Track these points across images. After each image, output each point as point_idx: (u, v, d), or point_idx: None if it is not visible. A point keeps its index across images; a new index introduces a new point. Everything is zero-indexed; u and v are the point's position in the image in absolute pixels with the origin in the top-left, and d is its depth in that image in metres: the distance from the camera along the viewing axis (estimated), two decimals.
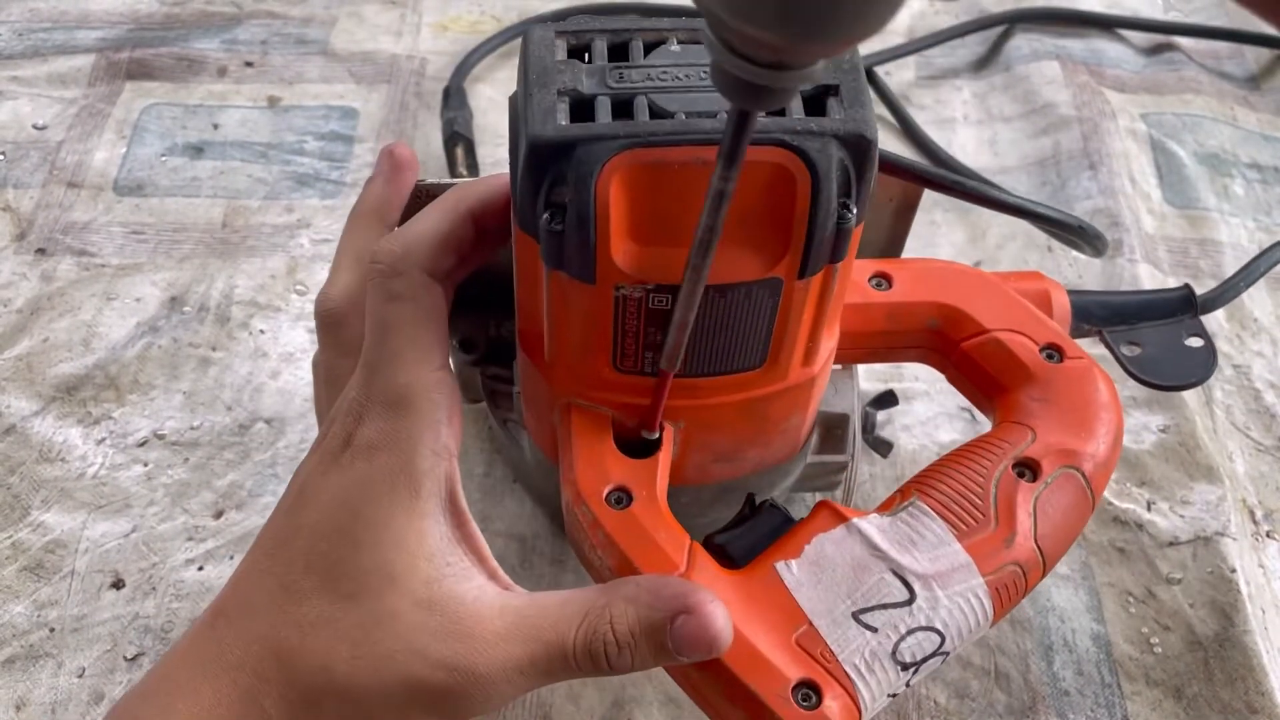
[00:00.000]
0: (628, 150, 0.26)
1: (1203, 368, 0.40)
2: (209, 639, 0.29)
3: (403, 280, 0.30)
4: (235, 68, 0.68)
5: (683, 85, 0.27)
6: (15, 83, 0.66)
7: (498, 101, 0.67)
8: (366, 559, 0.28)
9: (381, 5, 0.73)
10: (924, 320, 0.39)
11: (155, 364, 0.54)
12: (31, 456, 0.50)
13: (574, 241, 0.27)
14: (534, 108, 0.27)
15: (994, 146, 0.67)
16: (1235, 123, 0.68)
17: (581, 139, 0.26)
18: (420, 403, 0.30)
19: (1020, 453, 0.34)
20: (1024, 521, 0.32)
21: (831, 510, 0.33)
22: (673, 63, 0.28)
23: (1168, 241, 0.61)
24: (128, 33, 0.69)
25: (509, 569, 0.47)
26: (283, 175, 0.62)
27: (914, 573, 0.31)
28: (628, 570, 0.31)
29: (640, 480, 0.32)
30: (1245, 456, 0.53)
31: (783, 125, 0.27)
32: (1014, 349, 0.37)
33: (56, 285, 0.56)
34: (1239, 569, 0.47)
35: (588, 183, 0.26)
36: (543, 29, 0.29)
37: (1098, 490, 0.34)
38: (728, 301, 0.29)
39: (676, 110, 0.27)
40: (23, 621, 0.45)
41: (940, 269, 0.40)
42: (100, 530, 0.48)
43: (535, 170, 0.27)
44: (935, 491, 0.33)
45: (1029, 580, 0.32)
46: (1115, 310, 0.42)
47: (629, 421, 0.33)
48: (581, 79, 0.27)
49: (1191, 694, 0.44)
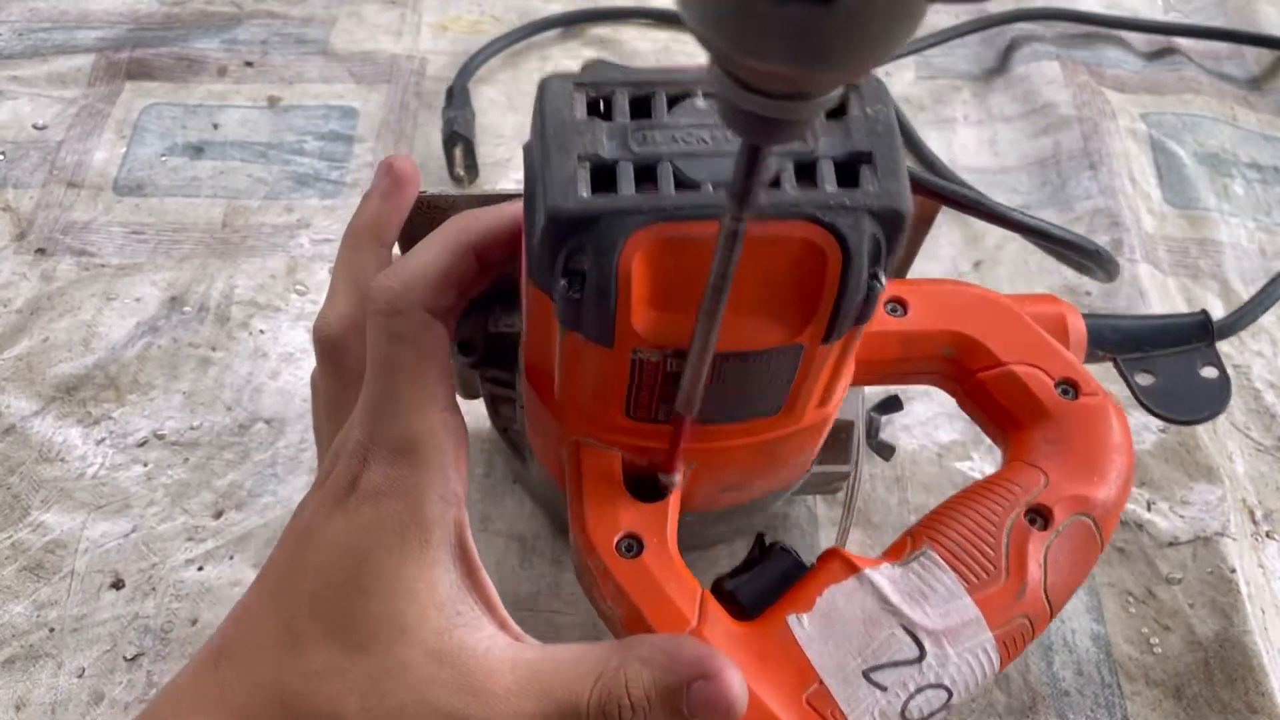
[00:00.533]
0: (652, 225, 0.25)
1: (1217, 401, 0.40)
2: (212, 678, 0.28)
3: (403, 320, 0.29)
4: (235, 67, 0.68)
5: (709, 150, 0.26)
6: (15, 82, 0.66)
7: (498, 102, 0.67)
8: (376, 608, 0.28)
9: (381, 5, 0.73)
10: (939, 349, 0.38)
11: (155, 364, 0.54)
12: (31, 456, 0.50)
13: (592, 310, 0.26)
14: (553, 174, 0.25)
15: (994, 146, 0.67)
16: (1235, 123, 0.68)
17: (604, 213, 0.25)
18: (427, 449, 0.29)
19: (1033, 499, 0.34)
20: (1034, 573, 0.32)
21: (842, 560, 0.32)
22: (698, 122, 0.26)
23: (1168, 241, 0.61)
24: (127, 32, 0.69)
25: (509, 569, 0.47)
26: (282, 175, 0.62)
27: (925, 629, 0.31)
28: (639, 623, 0.30)
29: (651, 526, 0.32)
30: (1245, 456, 0.53)
31: (814, 199, 0.25)
32: (1029, 384, 0.36)
33: (56, 285, 0.56)
34: (1239, 569, 0.47)
35: (609, 257, 0.25)
36: (560, 81, 0.27)
37: (1106, 534, 0.34)
38: (748, 365, 0.28)
39: (703, 179, 0.25)
40: (22, 621, 0.45)
41: (957, 294, 0.39)
42: (100, 530, 0.48)
43: (554, 239, 0.26)
44: (946, 539, 0.33)
45: (1035, 630, 0.32)
46: (1130, 336, 0.41)
47: (639, 461, 0.33)
48: (602, 141, 0.26)
49: (1191, 694, 0.44)
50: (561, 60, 0.70)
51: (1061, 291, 0.58)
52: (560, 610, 0.46)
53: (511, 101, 0.67)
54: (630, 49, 0.71)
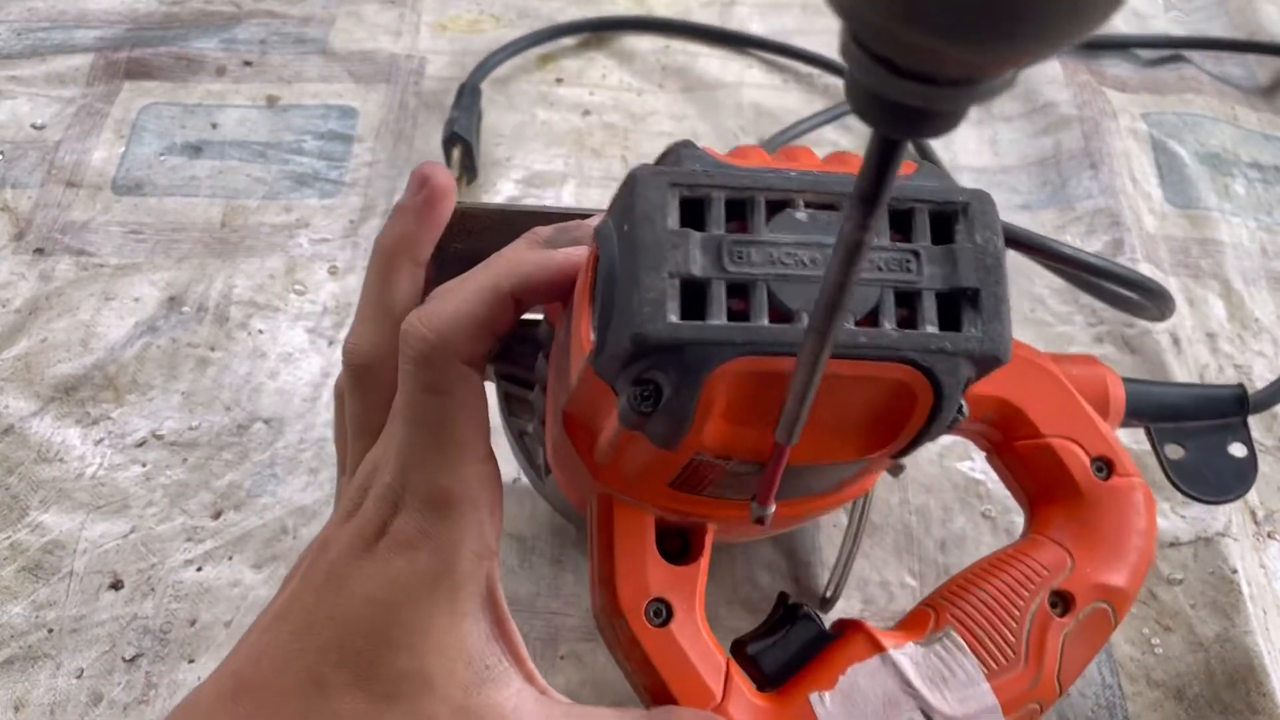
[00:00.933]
0: (743, 358, 0.24)
1: (1242, 481, 0.41)
2: (233, 714, 0.28)
3: (438, 373, 0.28)
4: (234, 67, 0.68)
5: (806, 275, 0.24)
6: (13, 82, 0.66)
7: (497, 102, 0.67)
8: (403, 662, 0.27)
9: (380, 4, 0.73)
10: (980, 413, 0.37)
11: (154, 364, 0.53)
12: (30, 457, 0.50)
13: (661, 427, 0.25)
14: (642, 294, 0.24)
15: (994, 146, 0.67)
16: (1236, 122, 0.68)
17: (694, 343, 0.23)
18: (462, 504, 0.28)
19: (1058, 584, 0.34)
20: (1050, 661, 0.33)
21: (865, 635, 0.33)
22: (798, 240, 0.25)
23: (1169, 241, 0.61)
24: (126, 32, 0.69)
25: (508, 569, 0.47)
26: (281, 175, 0.62)
27: (942, 714, 0.31)
28: (664, 693, 0.30)
29: (681, 591, 0.31)
30: None
31: (913, 342, 0.24)
32: (1066, 460, 0.36)
33: (55, 285, 0.56)
34: (1240, 570, 0.47)
35: (694, 388, 0.24)
36: (654, 177, 0.25)
37: (1120, 617, 0.35)
38: (812, 471, 0.28)
39: (798, 309, 0.24)
40: (21, 622, 0.45)
41: None
42: (99, 531, 0.47)
43: (636, 358, 0.24)
44: (969, 619, 0.33)
45: (1043, 711, 0.33)
46: (1166, 409, 0.42)
47: (671, 519, 0.32)
48: (695, 257, 0.24)
49: (1192, 695, 0.44)
50: (562, 60, 0.70)
51: (1062, 291, 0.58)
52: (560, 610, 0.46)
53: (511, 100, 0.67)
54: (630, 47, 0.71)
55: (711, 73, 0.69)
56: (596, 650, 0.45)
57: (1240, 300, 0.59)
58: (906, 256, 0.25)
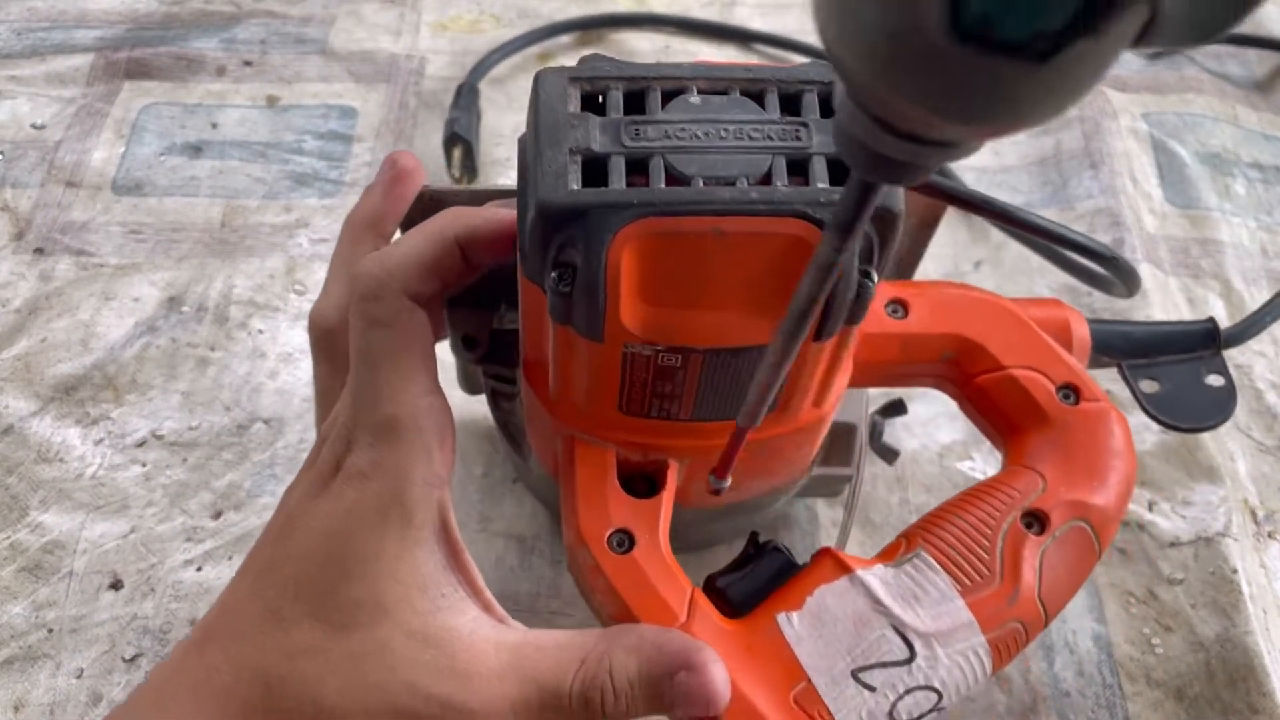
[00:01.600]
0: (642, 219, 0.25)
1: (1221, 409, 0.39)
2: (197, 661, 0.28)
3: (383, 305, 0.29)
4: (234, 67, 0.68)
5: (701, 145, 0.26)
6: (13, 82, 0.66)
7: (496, 101, 0.67)
8: (358, 589, 0.28)
9: (380, 4, 0.73)
10: (939, 352, 0.38)
11: (153, 364, 0.53)
12: (30, 457, 0.50)
13: (582, 304, 0.26)
14: (544, 168, 0.26)
15: (994, 145, 0.67)
16: (1237, 122, 0.68)
17: (594, 205, 0.25)
18: (408, 432, 0.29)
19: (1029, 503, 0.33)
20: (1029, 577, 0.32)
21: (834, 559, 0.32)
22: (691, 118, 0.26)
23: (1169, 241, 0.61)
24: (126, 32, 0.69)
25: (508, 569, 0.47)
26: (281, 175, 0.62)
27: (915, 630, 0.31)
28: (628, 618, 0.30)
29: (643, 522, 0.32)
30: (1246, 457, 0.53)
31: (805, 196, 0.25)
32: (1030, 388, 0.36)
33: (55, 285, 0.56)
34: (1240, 570, 0.47)
35: (599, 251, 0.25)
36: (556, 74, 0.27)
37: (1105, 541, 0.34)
38: (739, 361, 0.28)
39: (694, 175, 0.25)
40: (21, 622, 0.45)
41: (959, 297, 0.38)
42: (98, 531, 0.47)
43: (544, 232, 0.26)
44: (941, 542, 0.33)
45: (1029, 635, 0.32)
46: (1135, 343, 0.41)
47: (633, 456, 0.33)
48: (595, 135, 0.26)
49: (1193, 695, 0.44)
50: (562, 60, 0.70)
51: (1062, 292, 0.58)
52: (560, 610, 0.46)
53: (511, 100, 0.67)
54: (630, 47, 0.71)
55: None
56: None
57: (1240, 300, 0.59)
58: (796, 128, 0.26)
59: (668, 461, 0.33)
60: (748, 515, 0.45)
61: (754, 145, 0.26)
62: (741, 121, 0.26)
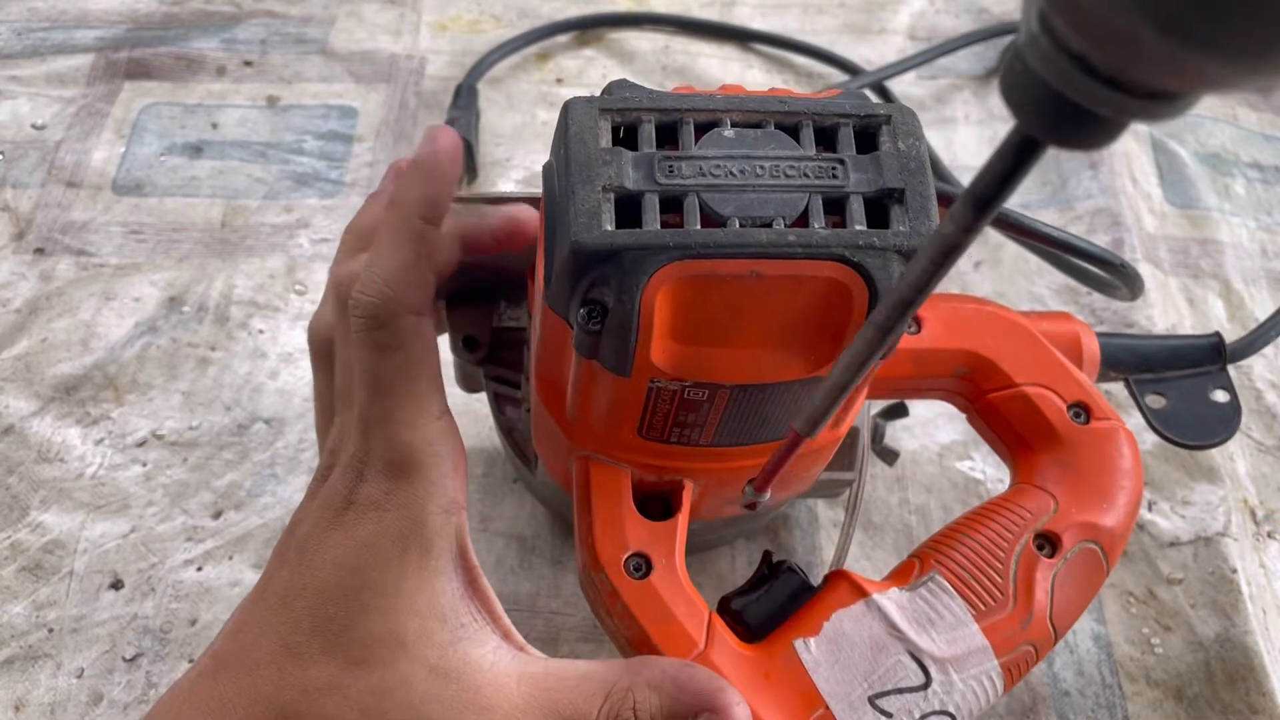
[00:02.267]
0: (677, 262, 0.25)
1: (1226, 425, 0.40)
2: (211, 690, 0.28)
3: (389, 331, 0.28)
4: (234, 67, 0.68)
5: (736, 184, 0.25)
6: (14, 82, 0.66)
7: (497, 101, 0.67)
8: (376, 624, 0.27)
9: (380, 4, 0.73)
10: (952, 368, 0.38)
11: (154, 364, 0.53)
12: (30, 457, 0.50)
13: (611, 343, 0.26)
14: (577, 206, 0.25)
15: (994, 146, 0.67)
16: (1236, 122, 0.68)
17: (629, 248, 0.25)
18: (424, 460, 0.28)
19: (1041, 525, 0.34)
20: (1041, 600, 0.32)
21: (849, 582, 0.33)
22: (726, 153, 0.26)
23: (1169, 241, 0.61)
24: (126, 32, 0.69)
25: (508, 569, 0.47)
26: (282, 175, 0.62)
27: (931, 656, 0.31)
28: (646, 645, 0.30)
29: (659, 545, 0.32)
30: (1246, 457, 0.53)
31: (843, 239, 0.25)
32: (1041, 406, 0.36)
33: (55, 285, 0.56)
34: (1240, 569, 0.47)
35: (633, 294, 0.25)
36: (585, 104, 0.26)
37: (1113, 560, 0.34)
38: (765, 395, 0.28)
39: (729, 215, 0.25)
40: (21, 622, 0.45)
41: (973, 312, 0.38)
42: (99, 530, 0.48)
43: (576, 271, 0.25)
44: (954, 564, 0.33)
45: (1039, 655, 0.32)
46: (1143, 358, 0.41)
47: (648, 479, 0.32)
48: (628, 172, 0.25)
49: (1192, 694, 0.44)
50: (561, 60, 0.70)
51: (1062, 291, 0.58)
52: (560, 610, 0.46)
53: (511, 100, 0.67)
54: (630, 46, 0.71)
55: (712, 72, 0.69)
56: (598, 651, 0.45)
57: (1240, 300, 0.59)
58: (833, 165, 0.26)
59: (683, 482, 0.33)
60: (751, 520, 0.45)
61: (790, 184, 0.25)
62: (777, 158, 0.26)
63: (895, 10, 0.74)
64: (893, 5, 0.74)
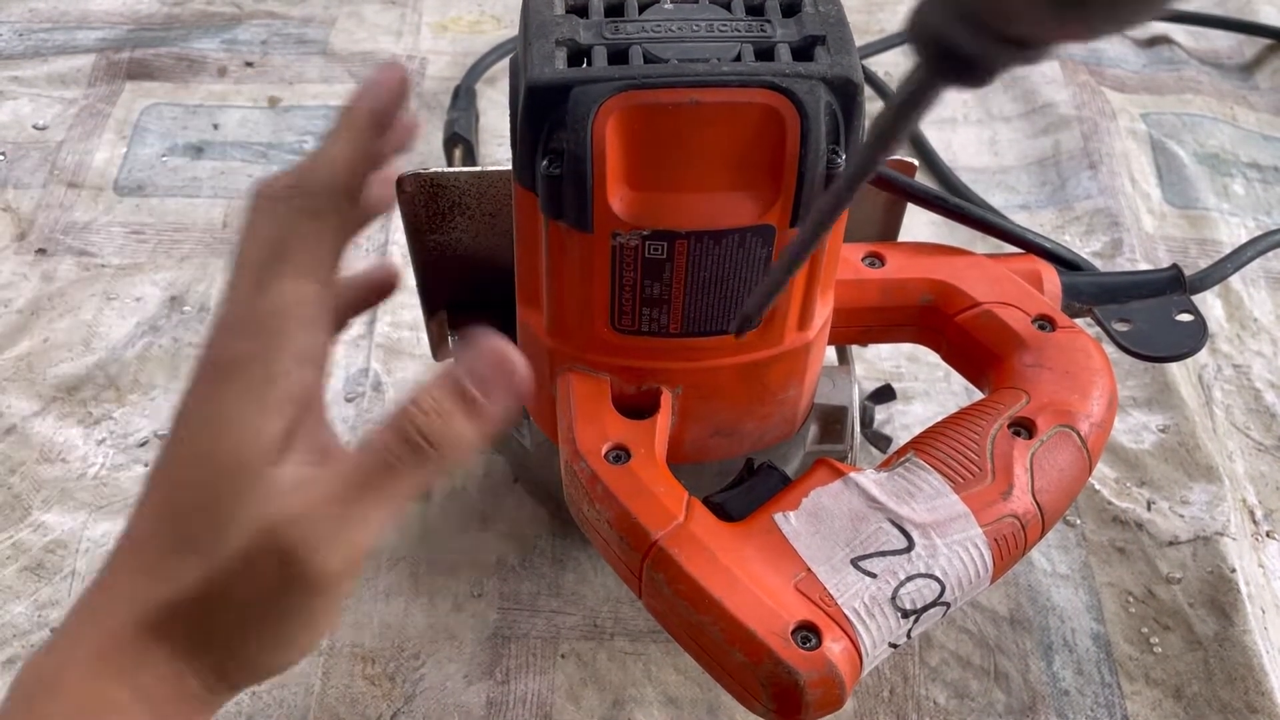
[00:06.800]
0: (623, 92, 0.27)
1: (1194, 339, 0.41)
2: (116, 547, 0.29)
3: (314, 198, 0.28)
4: (235, 68, 0.68)
5: (676, 36, 0.29)
6: (15, 83, 0.66)
7: (498, 102, 0.67)
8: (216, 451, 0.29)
9: (381, 5, 0.73)
10: (917, 296, 0.39)
11: (156, 364, 0.54)
12: (32, 457, 0.50)
13: (571, 187, 0.28)
14: (533, 55, 0.28)
15: (994, 146, 0.67)
16: (1235, 122, 0.68)
17: (578, 81, 0.27)
18: (298, 310, 0.28)
19: (1015, 413, 0.34)
20: (1021, 476, 0.33)
21: (829, 466, 0.33)
22: (666, 18, 0.29)
23: (1168, 241, 0.61)
24: (128, 33, 0.70)
25: (509, 569, 0.47)
26: None
27: (912, 522, 0.31)
28: (626, 523, 0.31)
29: (639, 439, 0.33)
30: (1245, 456, 0.53)
31: (772, 69, 0.28)
32: (1006, 319, 0.38)
33: (57, 285, 0.56)
34: (1239, 569, 0.47)
35: (584, 124, 0.27)
36: None
37: (1094, 451, 0.35)
38: (721, 250, 0.30)
39: (670, 57, 0.28)
40: (23, 622, 0.45)
41: (931, 248, 0.41)
42: (101, 530, 0.48)
43: (534, 115, 0.28)
44: (932, 449, 0.34)
45: (1028, 535, 0.32)
46: (1106, 289, 0.42)
47: (628, 387, 0.34)
48: (579, 31, 0.29)
49: (1191, 694, 0.44)
50: None
51: None
52: (560, 610, 0.46)
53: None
54: None
55: None
56: (597, 649, 0.45)
57: (1239, 300, 0.59)
58: (762, 24, 0.29)
59: (661, 390, 0.34)
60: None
61: (724, 36, 0.29)
62: (711, 19, 0.29)
63: (895, 10, 0.74)
64: (892, 5, 0.75)
